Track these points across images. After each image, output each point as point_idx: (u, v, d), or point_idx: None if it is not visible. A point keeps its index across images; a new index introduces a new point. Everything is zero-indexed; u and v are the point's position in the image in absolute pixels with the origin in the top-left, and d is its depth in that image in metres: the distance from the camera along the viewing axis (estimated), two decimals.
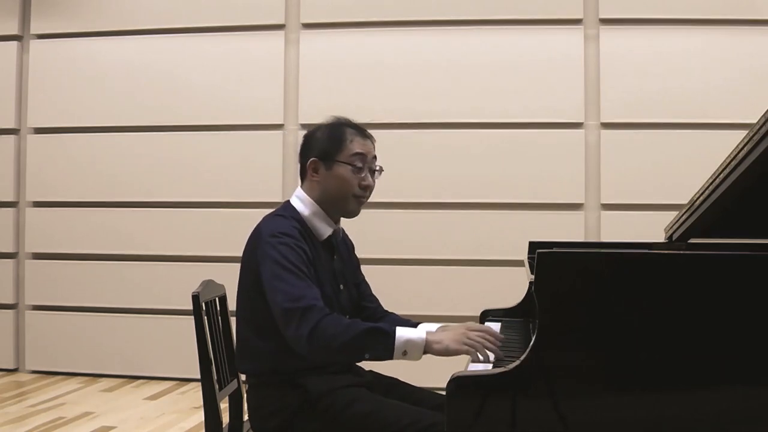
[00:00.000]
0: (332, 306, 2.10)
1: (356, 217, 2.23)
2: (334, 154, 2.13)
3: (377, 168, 2.19)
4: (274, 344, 2.04)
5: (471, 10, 4.74)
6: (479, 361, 1.86)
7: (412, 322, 2.25)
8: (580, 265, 1.64)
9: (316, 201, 2.16)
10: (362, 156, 2.14)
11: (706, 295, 1.59)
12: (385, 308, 2.41)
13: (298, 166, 2.23)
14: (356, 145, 2.14)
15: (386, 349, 1.88)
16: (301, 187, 2.20)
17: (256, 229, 2.14)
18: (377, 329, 1.91)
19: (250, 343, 2.12)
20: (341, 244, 2.29)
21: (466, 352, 1.88)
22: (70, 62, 5.11)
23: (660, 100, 4.57)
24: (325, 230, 2.17)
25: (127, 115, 5.04)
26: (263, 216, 2.19)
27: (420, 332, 1.91)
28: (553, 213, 4.65)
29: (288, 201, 2.20)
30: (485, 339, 1.90)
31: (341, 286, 2.21)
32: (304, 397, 2.05)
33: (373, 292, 2.42)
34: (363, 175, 2.14)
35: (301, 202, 2.17)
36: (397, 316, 2.38)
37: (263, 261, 2.02)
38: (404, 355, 1.88)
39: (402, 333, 1.89)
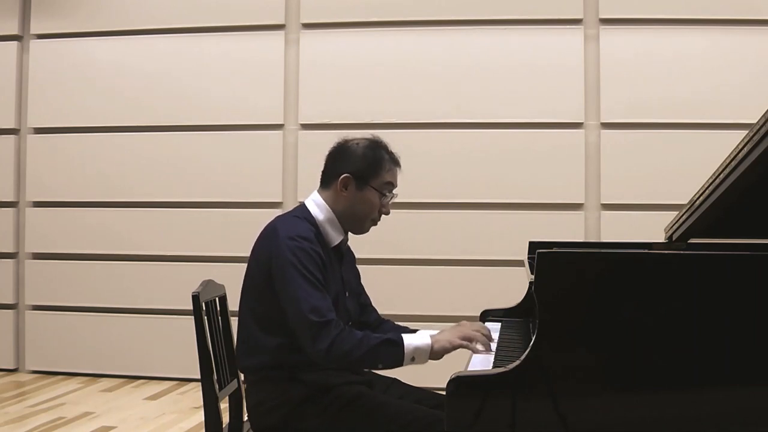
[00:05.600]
0: (339, 311, 2.13)
1: None
2: (369, 178, 2.16)
3: (395, 195, 2.24)
4: (278, 340, 2.08)
5: (471, 10, 4.73)
6: (476, 352, 2.03)
7: (410, 330, 2.28)
8: (580, 265, 1.64)
9: (333, 211, 2.18)
10: (391, 186, 2.20)
11: (706, 295, 1.59)
12: (386, 309, 2.49)
13: (322, 167, 2.24)
14: (390, 175, 2.20)
15: (397, 358, 2.01)
16: (320, 192, 2.22)
17: (271, 227, 2.16)
18: (388, 341, 2.01)
19: (254, 339, 2.13)
20: (347, 254, 2.32)
21: (461, 346, 2.03)
22: (70, 62, 5.11)
23: (660, 100, 4.56)
24: (336, 238, 2.20)
25: (127, 115, 5.04)
26: (277, 216, 2.22)
27: (424, 338, 2.03)
28: (553, 213, 4.65)
29: (303, 203, 2.22)
30: (478, 334, 2.07)
31: (347, 293, 2.24)
32: (305, 392, 2.07)
33: (374, 292, 2.45)
34: (386, 202, 2.19)
35: (317, 206, 2.19)
36: (394, 324, 2.42)
37: (280, 263, 2.04)
38: (412, 360, 2.01)
39: (410, 341, 2.01)
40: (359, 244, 2.46)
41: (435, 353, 2.01)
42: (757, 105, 2.38)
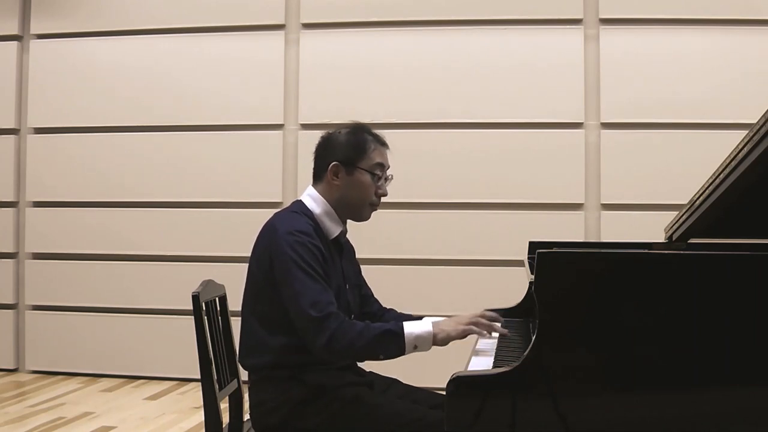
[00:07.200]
0: (340, 304, 2.13)
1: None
2: (357, 161, 2.16)
3: (390, 176, 2.23)
4: (281, 339, 2.07)
5: (471, 10, 4.74)
6: (483, 337, 2.05)
7: (414, 317, 2.28)
8: (580, 265, 1.64)
9: (329, 202, 2.18)
10: (382, 166, 2.20)
11: (706, 295, 1.59)
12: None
13: (312, 164, 2.24)
14: (377, 155, 2.19)
15: (398, 348, 1.99)
16: (315, 186, 2.22)
17: (269, 224, 2.15)
18: (388, 332, 1.99)
19: (257, 337, 2.12)
20: (347, 246, 2.31)
21: (467, 332, 2.02)
22: (70, 62, 5.11)
23: (660, 100, 4.56)
24: (334, 230, 2.20)
25: (127, 116, 5.04)
26: (275, 213, 2.21)
27: (426, 325, 2.01)
28: (553, 213, 4.65)
29: (299, 199, 2.22)
30: (484, 320, 2.07)
31: (347, 286, 2.24)
32: (306, 393, 2.07)
33: (374, 292, 2.45)
34: (380, 183, 2.19)
35: (314, 200, 2.19)
36: (397, 312, 2.42)
37: (280, 259, 2.04)
38: (415, 348, 1.99)
39: (410, 330, 1.99)
40: (359, 244, 2.46)
41: (439, 341, 1.99)
42: (757, 105, 2.38)
